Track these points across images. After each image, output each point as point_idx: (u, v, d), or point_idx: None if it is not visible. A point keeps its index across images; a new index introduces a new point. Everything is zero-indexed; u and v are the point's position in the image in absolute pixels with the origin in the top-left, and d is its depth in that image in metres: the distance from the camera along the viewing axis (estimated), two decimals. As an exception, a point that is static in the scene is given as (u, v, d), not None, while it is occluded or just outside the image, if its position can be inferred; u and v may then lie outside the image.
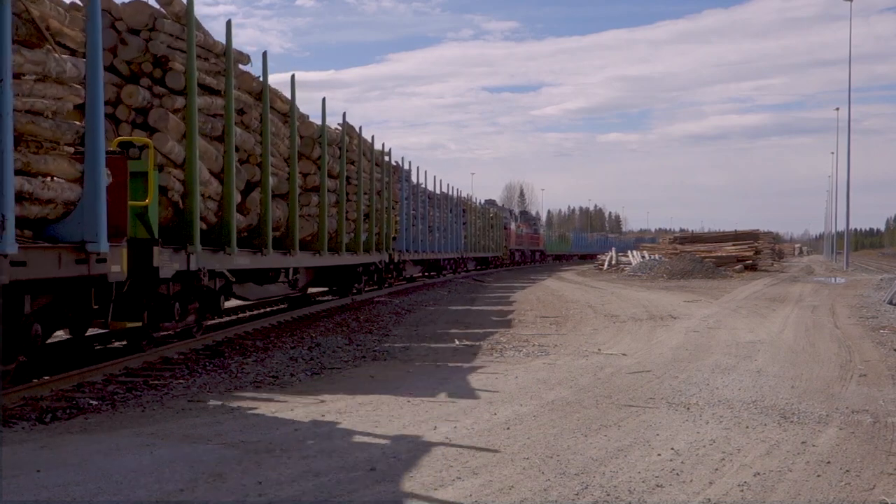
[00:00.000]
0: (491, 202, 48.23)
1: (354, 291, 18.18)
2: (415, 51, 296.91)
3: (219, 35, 10.68)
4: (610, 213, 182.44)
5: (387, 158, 20.35)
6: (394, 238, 20.98)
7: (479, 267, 39.85)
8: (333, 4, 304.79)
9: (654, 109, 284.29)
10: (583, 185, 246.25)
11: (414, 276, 27.64)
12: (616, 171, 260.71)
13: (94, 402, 6.88)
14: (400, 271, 23.73)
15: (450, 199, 31.92)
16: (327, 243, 14.54)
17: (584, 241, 79.28)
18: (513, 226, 48.41)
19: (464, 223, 34.07)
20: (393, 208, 21.02)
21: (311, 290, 18.14)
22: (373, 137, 18.40)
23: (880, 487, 4.57)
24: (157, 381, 7.95)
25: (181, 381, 8.03)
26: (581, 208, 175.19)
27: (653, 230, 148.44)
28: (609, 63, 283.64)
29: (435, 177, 29.93)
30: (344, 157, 15.53)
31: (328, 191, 14.63)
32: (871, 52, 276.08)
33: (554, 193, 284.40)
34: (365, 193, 17.56)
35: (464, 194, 35.87)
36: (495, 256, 42.71)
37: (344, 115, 16.09)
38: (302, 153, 13.61)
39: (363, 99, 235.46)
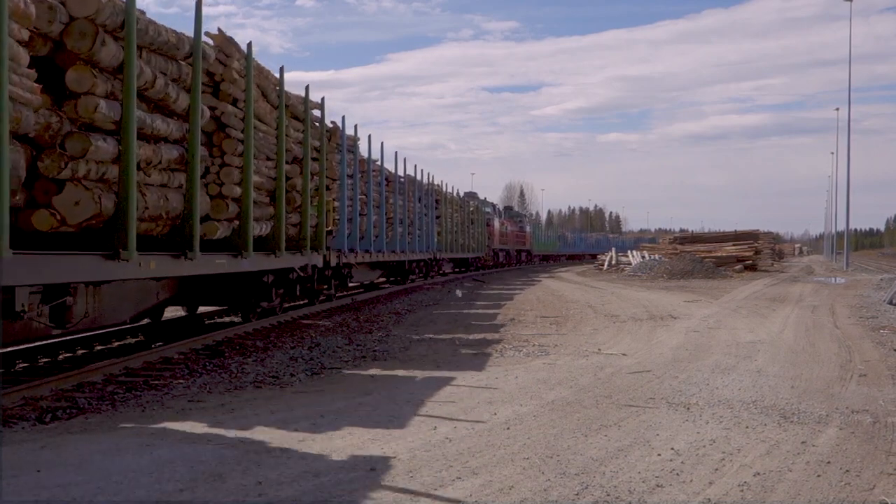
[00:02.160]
0: (471, 195, 41.15)
1: (260, 311, 12.42)
2: (415, 51, 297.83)
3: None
4: (610, 213, 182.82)
5: (317, 113, 13.33)
6: (330, 233, 14.56)
7: (457, 269, 34.74)
8: (333, 4, 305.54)
9: (654, 109, 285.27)
10: (583, 185, 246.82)
11: (374, 281, 22.67)
12: (616, 171, 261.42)
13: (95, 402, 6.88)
14: (345, 279, 17.54)
15: (418, 184, 24.99)
16: (136, 235, 7.36)
17: (572, 241, 75.12)
18: (496, 223, 43.16)
19: (437, 217, 28.11)
20: (328, 189, 14.30)
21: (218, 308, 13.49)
22: (282, 69, 11.11)
23: (880, 487, 4.57)
24: (157, 381, 7.95)
25: (181, 381, 8.03)
26: (581, 208, 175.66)
27: (653, 230, 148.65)
28: (609, 63, 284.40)
29: (396, 153, 22.01)
30: (199, 84, 8.43)
31: (154, 139, 7.99)
32: (871, 52, 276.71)
33: (554, 193, 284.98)
34: (268, 159, 10.98)
35: (437, 181, 28.72)
36: (476, 257, 37.29)
37: (198, 8, 8.49)
38: (72, 50, 6.73)
39: (363, 99, 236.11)
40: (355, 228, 17.16)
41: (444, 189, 30.02)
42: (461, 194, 35.66)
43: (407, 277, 24.90)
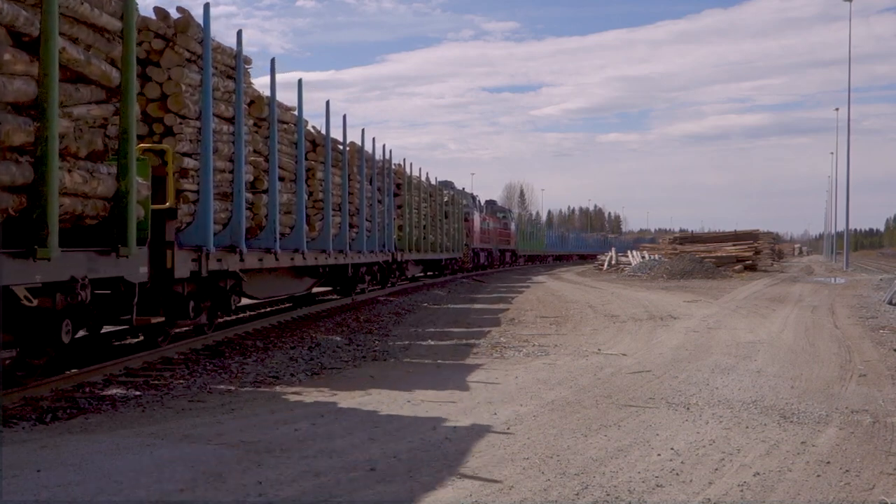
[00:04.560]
0: (446, 183, 33.69)
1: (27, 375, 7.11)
2: (415, 51, 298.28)
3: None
4: (610, 213, 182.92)
5: None
6: (172, 215, 8.94)
7: (428, 274, 29.08)
8: (334, 5, 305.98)
9: (653, 109, 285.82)
10: (583, 185, 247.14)
11: (309, 292, 16.24)
12: (616, 171, 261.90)
13: (95, 402, 6.87)
14: (227, 299, 10.94)
15: (369, 159, 17.91)
16: None
17: (563, 241, 70.40)
18: (476, 217, 36.13)
19: (398, 206, 21.84)
20: (171, 132, 9.34)
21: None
22: None
23: (880, 487, 4.57)
24: (157, 381, 7.95)
25: (181, 380, 8.02)
26: (581, 208, 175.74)
27: (653, 230, 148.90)
28: (609, 63, 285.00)
29: (328, 102, 14.75)
30: None
31: None
32: (870, 52, 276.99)
33: (554, 193, 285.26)
34: None
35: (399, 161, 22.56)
36: (452, 259, 30.64)
37: None
38: None
39: (363, 99, 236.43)
40: (239, 212, 10.62)
41: (408, 171, 23.00)
42: (433, 181, 28.46)
43: (353, 287, 17.59)
